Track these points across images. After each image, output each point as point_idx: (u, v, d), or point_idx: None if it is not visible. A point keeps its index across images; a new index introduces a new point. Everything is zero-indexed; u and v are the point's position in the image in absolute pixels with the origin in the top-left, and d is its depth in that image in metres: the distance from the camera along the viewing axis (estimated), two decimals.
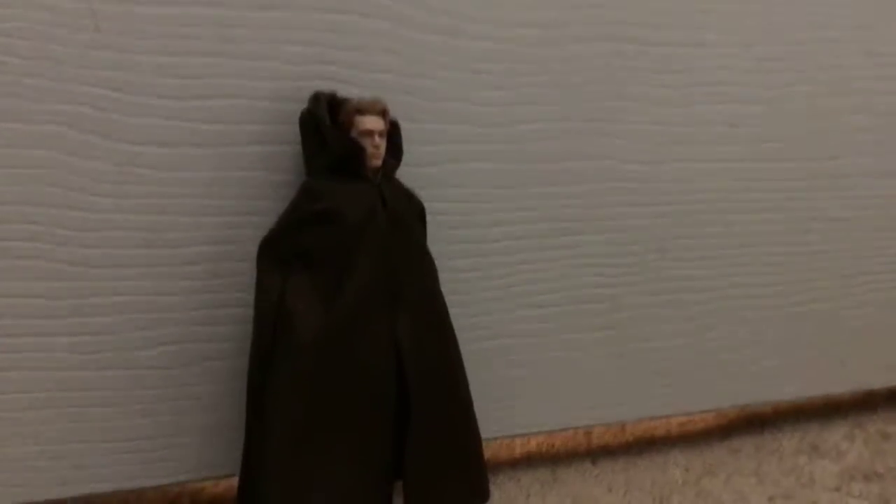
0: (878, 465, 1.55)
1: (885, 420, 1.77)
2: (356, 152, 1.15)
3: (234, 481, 1.22)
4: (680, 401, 1.61)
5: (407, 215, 1.21)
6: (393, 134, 1.23)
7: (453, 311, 1.27)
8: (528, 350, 1.47)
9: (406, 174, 1.27)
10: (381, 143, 1.17)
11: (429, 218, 1.29)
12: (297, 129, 1.21)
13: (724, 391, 1.64)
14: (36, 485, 1.23)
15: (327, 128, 1.16)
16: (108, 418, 1.24)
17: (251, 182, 1.25)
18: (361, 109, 1.16)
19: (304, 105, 1.20)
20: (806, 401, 1.82)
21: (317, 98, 1.20)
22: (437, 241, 1.34)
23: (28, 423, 1.21)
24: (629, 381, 1.56)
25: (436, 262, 1.24)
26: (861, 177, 1.65)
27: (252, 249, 1.17)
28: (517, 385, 1.48)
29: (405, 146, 1.26)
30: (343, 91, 1.24)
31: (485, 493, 1.27)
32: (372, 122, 1.16)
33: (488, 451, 1.57)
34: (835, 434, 1.71)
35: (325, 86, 1.24)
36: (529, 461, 1.59)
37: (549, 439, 1.69)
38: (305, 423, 1.10)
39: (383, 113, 1.18)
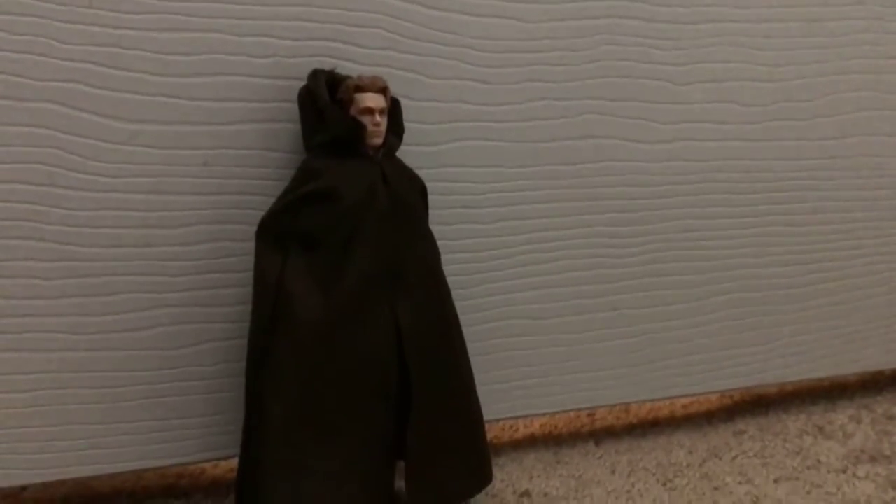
0: (884, 446, 1.54)
1: (890, 401, 1.76)
2: (356, 130, 1.13)
3: (234, 462, 1.21)
4: (684, 382, 1.59)
5: (408, 194, 1.19)
6: (394, 112, 1.21)
7: (455, 292, 1.25)
8: (531, 331, 1.46)
9: (407, 153, 1.25)
10: (382, 121, 1.16)
11: (430, 197, 1.27)
12: (295, 106, 1.19)
13: (728, 373, 1.63)
14: (34, 467, 1.22)
15: (326, 105, 1.14)
16: (107, 400, 1.24)
17: (250, 160, 1.23)
18: (361, 87, 1.14)
19: (302, 82, 1.19)
20: (811, 382, 1.81)
21: (316, 75, 1.18)
22: (439, 221, 1.32)
23: (26, 405, 1.20)
24: (632, 363, 1.55)
25: (437, 241, 1.23)
26: (872, 156, 1.63)
27: (251, 229, 1.15)
28: (520, 366, 1.47)
29: (406, 124, 1.24)
30: (342, 68, 1.22)
31: (487, 475, 1.27)
32: (372, 100, 1.14)
33: (491, 433, 1.57)
34: (840, 416, 1.69)
35: (325, 63, 1.23)
36: (532, 443, 1.58)
37: (552, 421, 1.68)
38: (305, 405, 1.09)
39: (384, 90, 1.16)
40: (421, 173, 1.25)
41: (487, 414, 1.32)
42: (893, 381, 1.87)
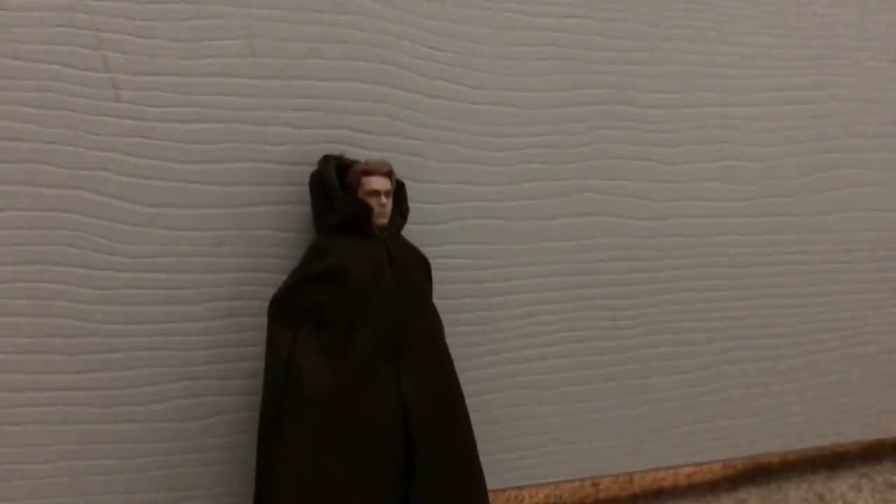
0: None
1: (891, 470, 1.76)
2: (363, 212, 1.19)
3: None
4: (687, 452, 1.61)
5: (413, 271, 1.24)
6: (399, 193, 1.27)
7: (458, 364, 1.29)
8: (534, 402, 1.49)
9: (411, 232, 1.31)
10: (388, 203, 1.21)
11: (434, 273, 1.32)
12: (306, 189, 1.25)
13: (730, 442, 1.64)
14: None
15: (335, 189, 1.20)
16: (124, 471, 1.27)
17: (263, 241, 1.29)
18: (368, 170, 1.20)
19: (313, 167, 1.26)
20: (812, 451, 1.82)
21: (326, 160, 1.24)
22: (442, 296, 1.37)
23: (40, 476, 1.24)
24: (635, 433, 1.57)
25: (441, 316, 1.27)
26: (856, 231, 1.68)
27: (263, 305, 1.20)
28: (524, 436, 1.49)
29: (410, 205, 1.30)
30: (351, 153, 1.29)
31: None
32: (378, 183, 1.20)
33: (497, 503, 1.57)
34: (841, 484, 1.70)
35: (334, 149, 1.30)
36: None
37: (556, 491, 1.69)
38: (313, 477, 1.12)
39: (389, 173, 1.22)
40: (425, 251, 1.30)
41: (492, 484, 1.34)
42: (893, 450, 1.87)
